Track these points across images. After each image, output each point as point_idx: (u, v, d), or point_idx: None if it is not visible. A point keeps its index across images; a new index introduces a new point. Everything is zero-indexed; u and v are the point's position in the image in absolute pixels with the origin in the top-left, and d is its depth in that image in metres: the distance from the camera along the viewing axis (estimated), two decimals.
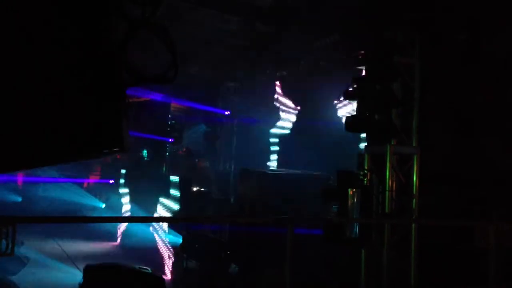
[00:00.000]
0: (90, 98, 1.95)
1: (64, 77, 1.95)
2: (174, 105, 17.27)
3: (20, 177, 18.20)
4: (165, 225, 13.76)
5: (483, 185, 7.57)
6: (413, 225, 7.65)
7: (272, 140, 14.22)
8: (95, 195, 19.94)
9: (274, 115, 13.80)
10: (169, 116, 17.31)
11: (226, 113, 15.93)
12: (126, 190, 17.07)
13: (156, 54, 3.28)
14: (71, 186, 19.37)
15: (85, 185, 20.58)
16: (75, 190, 19.52)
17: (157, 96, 15.24)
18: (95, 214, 18.22)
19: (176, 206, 13.78)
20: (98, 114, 1.95)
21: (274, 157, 14.15)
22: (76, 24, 1.98)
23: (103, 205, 19.56)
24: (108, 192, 19.25)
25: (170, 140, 17.24)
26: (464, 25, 7.84)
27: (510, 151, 7.45)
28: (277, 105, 13.59)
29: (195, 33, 10.48)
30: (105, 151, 2.05)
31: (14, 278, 10.21)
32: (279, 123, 13.83)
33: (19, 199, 17.34)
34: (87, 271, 7.57)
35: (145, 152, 17.48)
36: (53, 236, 14.54)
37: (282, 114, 13.63)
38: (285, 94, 13.33)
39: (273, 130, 14.09)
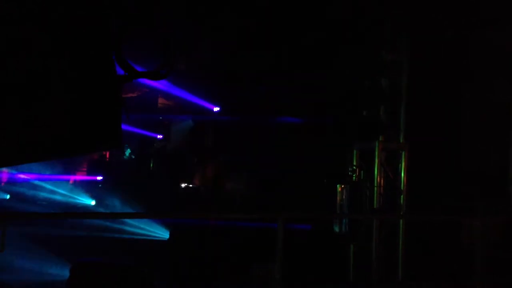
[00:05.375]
0: (86, 94, 1.94)
1: (61, 74, 1.94)
2: (161, 101, 17.09)
3: (5, 174, 17.94)
4: (152, 220, 13.69)
5: (469, 180, 7.67)
6: (401, 220, 7.72)
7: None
8: (84, 192, 19.73)
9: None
10: (157, 111, 17.12)
11: (215, 109, 15.83)
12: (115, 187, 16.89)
13: (148, 49, 3.26)
14: (58, 183, 19.15)
15: (71, 181, 20.34)
16: (62, 186, 19.30)
17: (144, 91, 15.08)
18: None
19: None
20: (95, 110, 1.94)
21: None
22: (71, 21, 1.96)
23: (92, 202, 19.38)
24: (97, 189, 19.07)
25: (158, 137, 17.09)
26: (452, 21, 7.90)
27: (496, 148, 7.55)
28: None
29: (184, 29, 10.41)
30: (102, 146, 2.04)
31: None
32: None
33: (7, 196, 17.10)
34: (74, 267, 7.52)
35: (128, 151, 17.27)
36: (40, 233, 14.39)
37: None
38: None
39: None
